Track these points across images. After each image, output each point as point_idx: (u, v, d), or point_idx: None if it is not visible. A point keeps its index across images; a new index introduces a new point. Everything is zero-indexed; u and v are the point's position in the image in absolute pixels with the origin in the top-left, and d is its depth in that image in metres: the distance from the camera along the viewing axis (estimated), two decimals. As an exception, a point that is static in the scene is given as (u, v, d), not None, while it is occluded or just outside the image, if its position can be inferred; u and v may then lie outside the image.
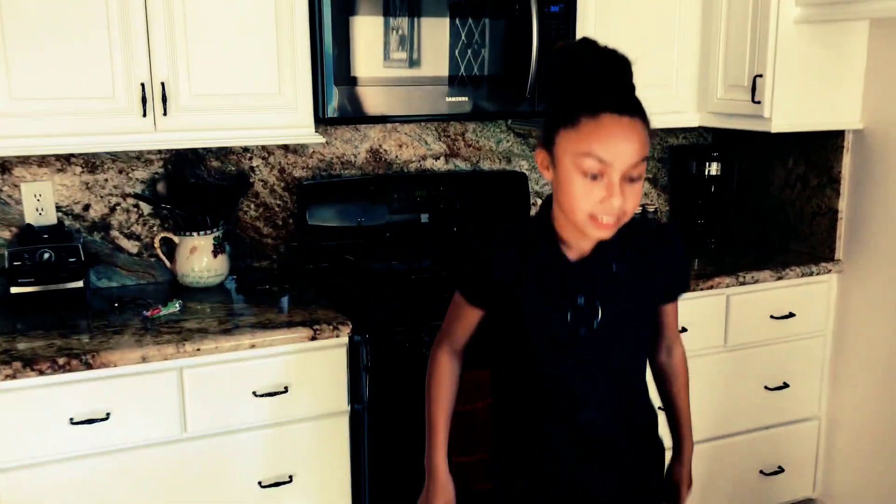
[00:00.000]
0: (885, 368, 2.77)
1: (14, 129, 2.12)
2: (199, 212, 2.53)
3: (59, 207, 2.49)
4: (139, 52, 2.18)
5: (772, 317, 2.81)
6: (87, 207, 2.52)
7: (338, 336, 2.22)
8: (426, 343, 2.21)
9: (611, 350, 1.53)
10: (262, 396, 2.18)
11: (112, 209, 2.55)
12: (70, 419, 2.00)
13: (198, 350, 2.08)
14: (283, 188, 2.74)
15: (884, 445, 2.80)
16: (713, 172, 3.10)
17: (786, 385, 2.88)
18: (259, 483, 2.22)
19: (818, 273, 2.83)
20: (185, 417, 2.12)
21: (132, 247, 2.59)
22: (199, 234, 2.52)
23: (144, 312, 2.29)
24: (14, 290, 2.30)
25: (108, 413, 2.03)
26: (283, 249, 2.77)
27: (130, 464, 2.08)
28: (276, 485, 2.24)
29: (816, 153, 2.90)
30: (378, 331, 2.23)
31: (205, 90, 2.27)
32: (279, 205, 2.74)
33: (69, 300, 2.34)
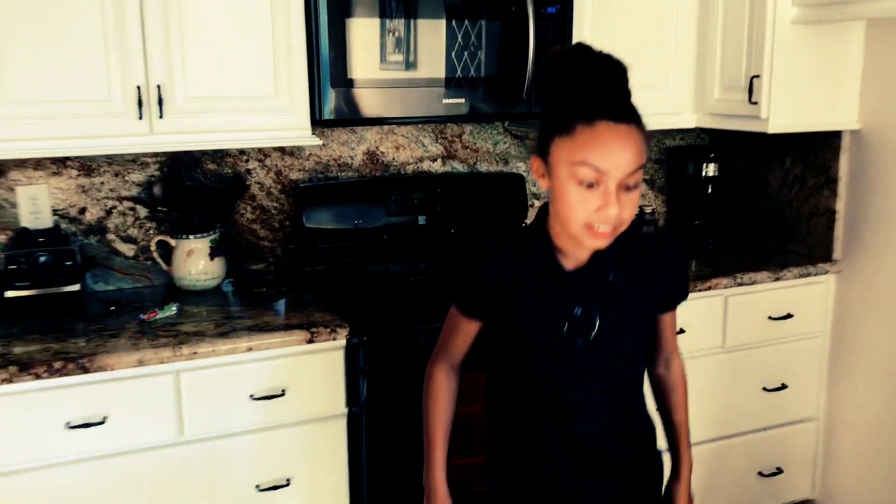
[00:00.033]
0: (884, 368, 2.76)
1: (9, 133, 2.11)
2: (196, 214, 2.52)
3: (55, 211, 2.48)
4: (135, 55, 2.18)
5: (770, 318, 2.80)
6: (84, 210, 2.52)
7: (335, 339, 2.21)
8: (424, 345, 2.21)
9: (608, 360, 1.50)
10: (260, 399, 2.17)
11: (108, 212, 2.55)
12: (67, 423, 2.00)
13: (194, 353, 2.08)
14: (280, 190, 2.73)
15: (883, 445, 2.80)
16: (710, 173, 3.10)
17: (784, 386, 2.88)
18: (256, 486, 2.22)
19: (816, 274, 2.83)
20: (182, 421, 2.11)
21: (128, 250, 2.59)
22: (196, 237, 2.51)
23: (141, 316, 2.28)
24: (10, 294, 2.29)
25: (105, 417, 2.03)
26: (280, 252, 2.76)
27: (127, 468, 2.08)
28: (274, 488, 2.23)
29: (814, 154, 2.90)
30: (375, 333, 2.23)
31: (201, 93, 2.26)
32: (276, 207, 2.74)
33: (65, 304, 2.33)
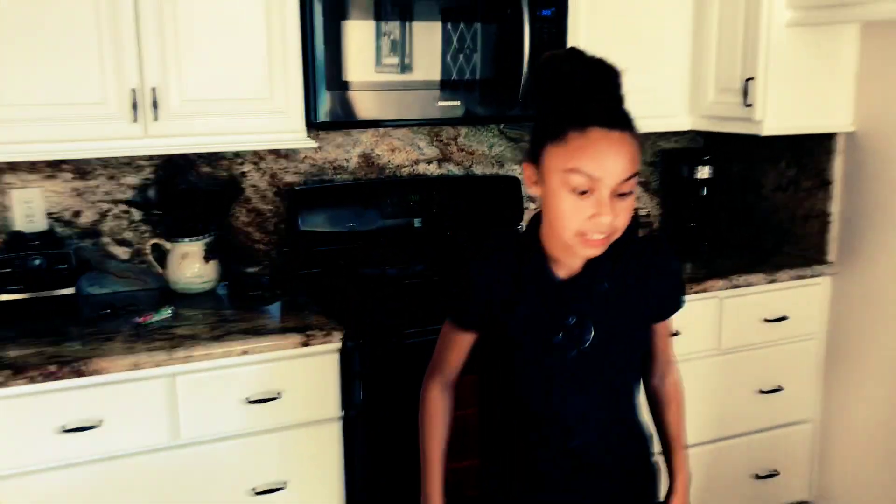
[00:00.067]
0: (879, 370, 2.77)
1: (3, 135, 2.10)
2: (191, 217, 2.52)
3: (50, 214, 2.47)
4: (129, 58, 2.17)
5: (765, 320, 2.81)
6: (78, 214, 2.51)
7: (330, 342, 2.21)
8: (419, 348, 2.20)
9: (602, 371, 1.47)
10: (255, 403, 2.17)
11: (103, 215, 2.54)
12: (61, 427, 1.99)
13: (189, 357, 2.07)
14: (275, 193, 2.73)
15: (878, 447, 2.80)
16: (705, 176, 3.10)
17: (779, 388, 2.88)
18: (251, 490, 2.21)
19: (811, 276, 2.83)
20: (177, 424, 2.11)
21: (123, 253, 2.58)
22: (191, 240, 2.51)
23: (136, 319, 2.27)
24: (3, 298, 2.28)
25: (100, 421, 2.02)
26: (275, 255, 2.76)
27: (122, 471, 2.07)
28: (269, 492, 2.23)
29: (808, 156, 2.90)
30: (371, 336, 2.23)
31: (196, 95, 2.26)
32: (271, 210, 2.73)
33: (60, 307, 2.33)
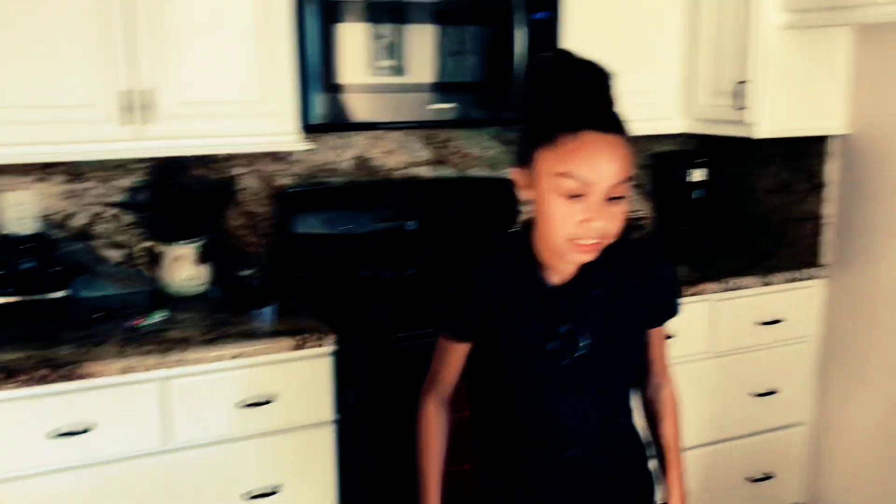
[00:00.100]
0: (873, 373, 2.77)
1: (-6, 138, 2.10)
2: (183, 220, 2.51)
3: (41, 217, 2.46)
4: (121, 60, 2.16)
5: (758, 322, 2.81)
6: (70, 216, 2.50)
7: (323, 345, 2.20)
8: (413, 352, 2.20)
9: (598, 378, 1.45)
10: (247, 407, 2.16)
11: (95, 218, 2.53)
12: (51, 432, 1.98)
13: (181, 361, 2.06)
14: (268, 196, 2.72)
15: (872, 449, 2.80)
16: (698, 179, 3.09)
17: (773, 391, 2.88)
18: (244, 495, 2.20)
19: (804, 278, 2.84)
20: (169, 429, 2.10)
21: (115, 256, 2.57)
22: (183, 243, 2.50)
23: (128, 322, 2.26)
24: (-6, 301, 2.27)
25: (91, 425, 2.01)
26: (268, 258, 2.75)
27: (113, 476, 2.06)
28: (262, 496, 2.22)
29: (801, 159, 2.91)
30: (364, 340, 2.22)
31: (188, 98, 2.25)
32: (263, 213, 2.72)
33: (51, 311, 2.31)
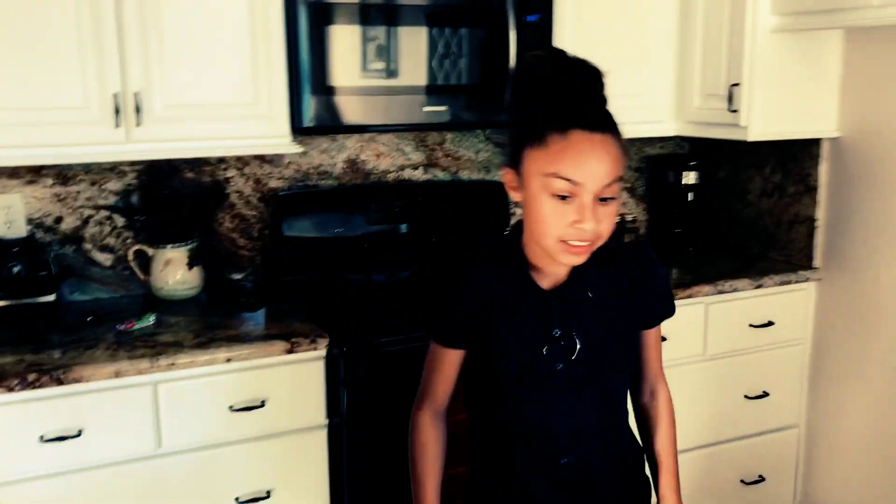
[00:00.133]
0: (865, 375, 2.78)
1: (-17, 141, 2.08)
2: (174, 223, 2.49)
3: (30, 220, 2.44)
4: (111, 62, 2.15)
5: (751, 325, 2.81)
6: (59, 220, 2.48)
7: (315, 349, 2.19)
8: (405, 356, 2.19)
9: (593, 382, 1.42)
10: (239, 411, 2.15)
11: (85, 221, 2.51)
12: (41, 437, 1.96)
13: (172, 364, 2.05)
14: (259, 199, 2.70)
15: (863, 452, 2.81)
16: (691, 181, 3.10)
17: (766, 394, 2.89)
18: (236, 499, 2.19)
19: (796, 281, 2.84)
20: (160, 433, 2.08)
21: (105, 260, 2.55)
22: (174, 247, 2.48)
23: (118, 326, 2.25)
24: (-17, 305, 2.26)
25: (81, 430, 1.99)
26: (260, 261, 2.74)
27: (104, 481, 2.04)
28: (254, 500, 2.20)
29: (793, 161, 2.91)
30: (356, 343, 2.21)
31: (179, 100, 2.24)
32: (255, 216, 2.71)
33: (41, 315, 2.30)
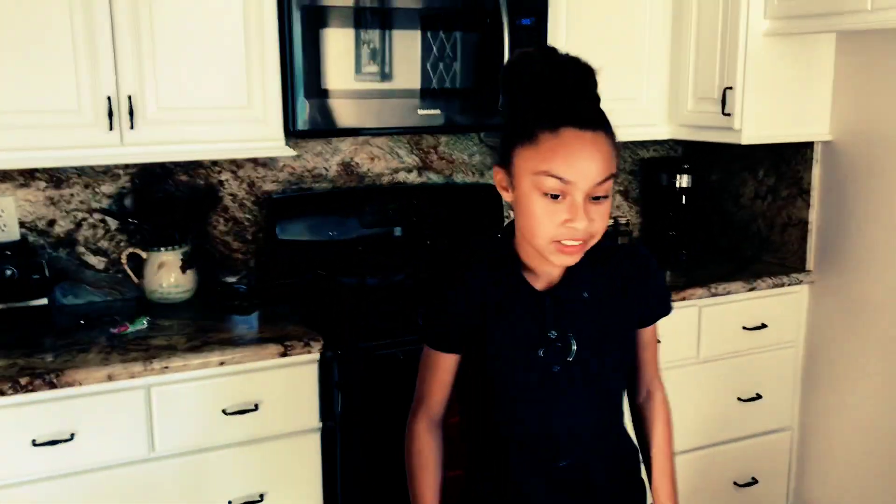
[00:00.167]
0: (858, 377, 2.78)
1: (-24, 144, 2.07)
2: (168, 226, 2.49)
3: (23, 223, 2.44)
4: (105, 65, 2.15)
5: (744, 328, 2.82)
6: (52, 223, 2.48)
7: (309, 352, 2.19)
8: (399, 359, 2.19)
9: (589, 383, 1.41)
10: (232, 414, 2.14)
11: (78, 224, 2.51)
12: (33, 440, 1.96)
13: (166, 368, 2.04)
14: (253, 202, 2.70)
15: (856, 455, 2.82)
16: (684, 184, 3.11)
17: (759, 396, 2.89)
18: (229, 502, 2.18)
19: (790, 284, 2.85)
20: (153, 436, 2.08)
21: (99, 263, 2.55)
22: (168, 250, 2.48)
23: (111, 330, 2.24)
24: (-24, 308, 2.25)
25: (73, 433, 1.99)
26: (254, 264, 2.73)
27: (97, 485, 2.04)
28: (247, 504, 2.21)
29: (786, 165, 2.92)
30: (350, 346, 2.21)
31: (172, 103, 2.24)
32: (249, 219, 2.71)
33: (33, 318, 2.29)
